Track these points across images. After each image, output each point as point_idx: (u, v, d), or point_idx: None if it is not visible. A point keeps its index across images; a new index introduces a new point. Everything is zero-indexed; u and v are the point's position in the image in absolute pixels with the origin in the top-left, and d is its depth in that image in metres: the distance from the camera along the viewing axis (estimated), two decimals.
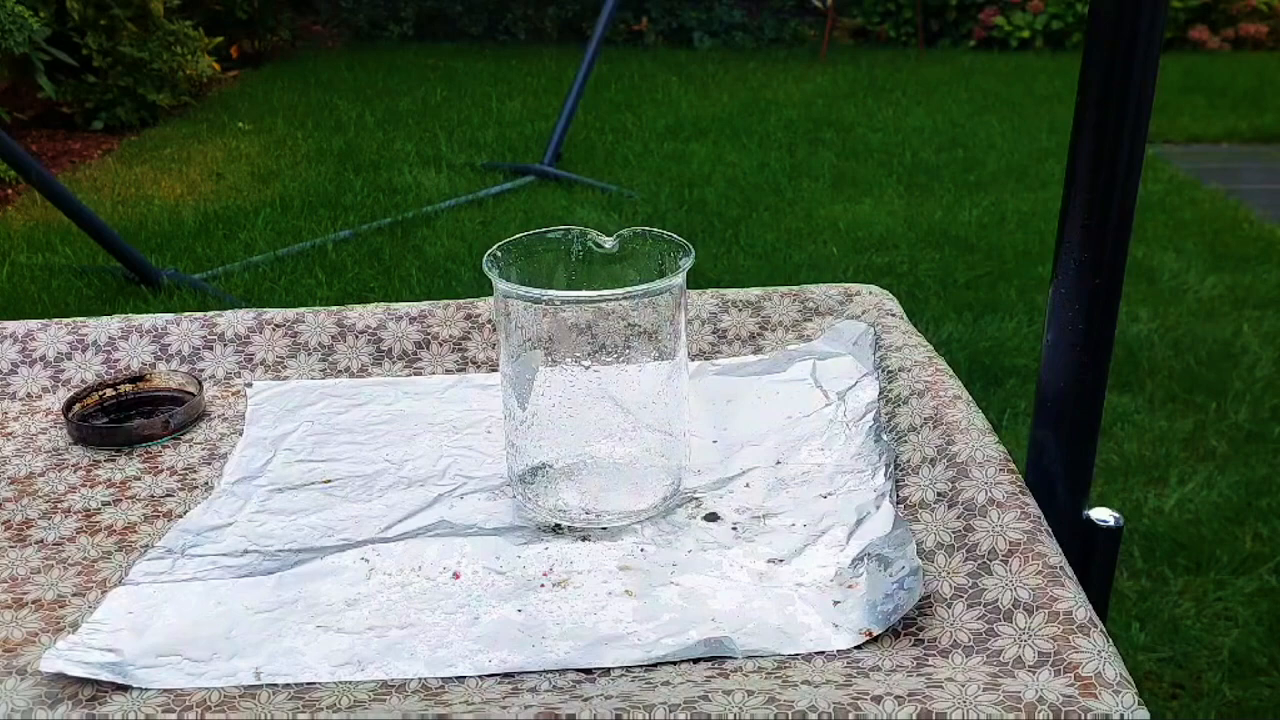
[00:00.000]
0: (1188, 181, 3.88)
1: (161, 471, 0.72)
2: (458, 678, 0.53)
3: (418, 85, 5.51)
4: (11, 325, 0.86)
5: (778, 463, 0.71)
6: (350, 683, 0.53)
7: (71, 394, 0.79)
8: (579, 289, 0.66)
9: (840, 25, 6.67)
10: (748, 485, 0.69)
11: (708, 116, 4.83)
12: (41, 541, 0.65)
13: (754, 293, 0.89)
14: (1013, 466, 0.63)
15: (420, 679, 0.53)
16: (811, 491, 0.67)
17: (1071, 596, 0.54)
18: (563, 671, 0.53)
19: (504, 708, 0.50)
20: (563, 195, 3.77)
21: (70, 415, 0.77)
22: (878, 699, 0.48)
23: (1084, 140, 0.76)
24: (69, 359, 0.85)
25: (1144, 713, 0.48)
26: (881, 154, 4.25)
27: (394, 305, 0.87)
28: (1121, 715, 0.47)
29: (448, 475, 0.70)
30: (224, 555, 0.63)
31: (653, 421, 0.66)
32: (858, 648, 0.54)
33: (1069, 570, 0.56)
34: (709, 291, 0.88)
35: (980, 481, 0.61)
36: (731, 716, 0.47)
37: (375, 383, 0.83)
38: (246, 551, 0.63)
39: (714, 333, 0.86)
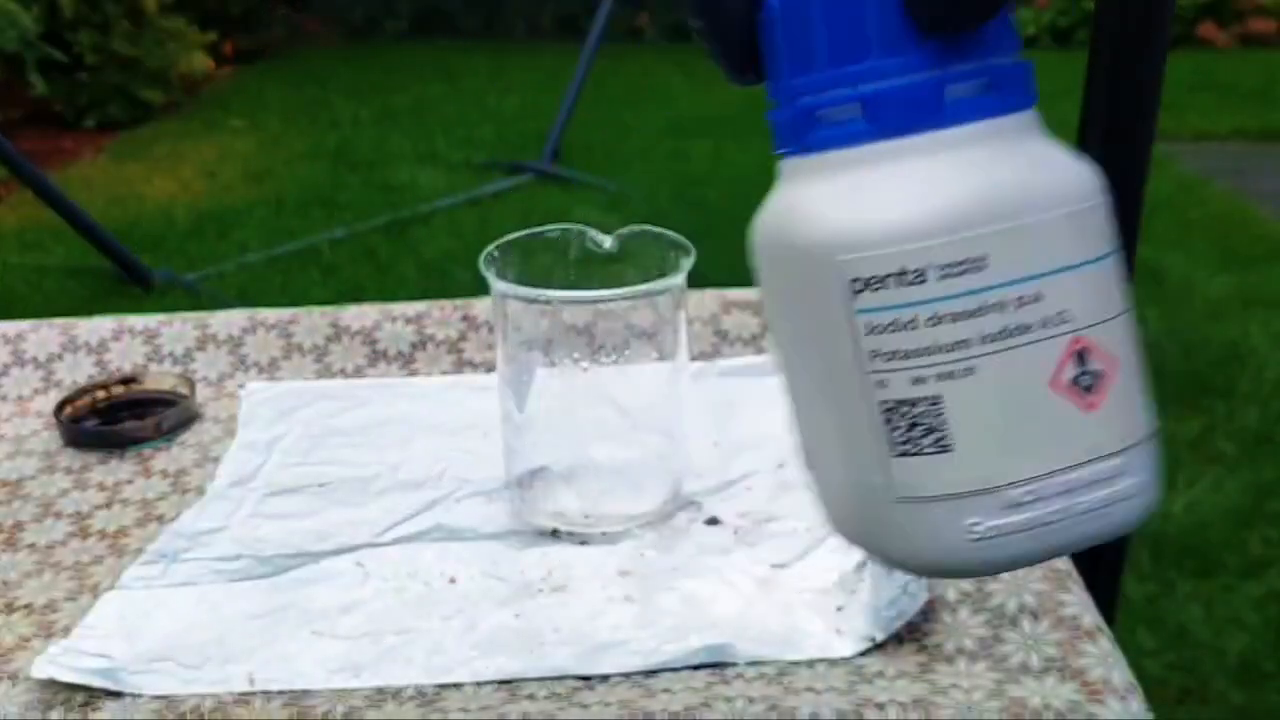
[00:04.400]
0: (1196, 180, 3.87)
1: (154, 474, 0.72)
2: (454, 684, 0.52)
3: (414, 82, 5.48)
4: (2, 326, 0.85)
5: (780, 466, 0.70)
6: (345, 689, 0.52)
7: (63, 396, 0.78)
8: (578, 289, 0.65)
9: None
10: (749, 489, 0.67)
11: (709, 114, 4.81)
12: (33, 545, 0.65)
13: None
14: None
15: (416, 686, 0.52)
16: None
17: (1078, 601, 0.53)
18: (561, 678, 0.52)
19: (501, 715, 0.49)
20: (561, 194, 3.76)
21: (61, 417, 0.76)
22: (881, 706, 0.48)
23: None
24: (60, 360, 0.84)
25: (1150, 718, 0.48)
26: None
27: (389, 305, 0.87)
28: None
29: (444, 479, 0.69)
30: (217, 560, 0.62)
31: (652, 424, 0.65)
32: (861, 654, 0.53)
33: (1075, 575, 0.55)
34: (710, 292, 0.87)
35: None
36: None
37: (371, 384, 0.82)
38: (240, 556, 0.62)
39: (715, 334, 0.85)
